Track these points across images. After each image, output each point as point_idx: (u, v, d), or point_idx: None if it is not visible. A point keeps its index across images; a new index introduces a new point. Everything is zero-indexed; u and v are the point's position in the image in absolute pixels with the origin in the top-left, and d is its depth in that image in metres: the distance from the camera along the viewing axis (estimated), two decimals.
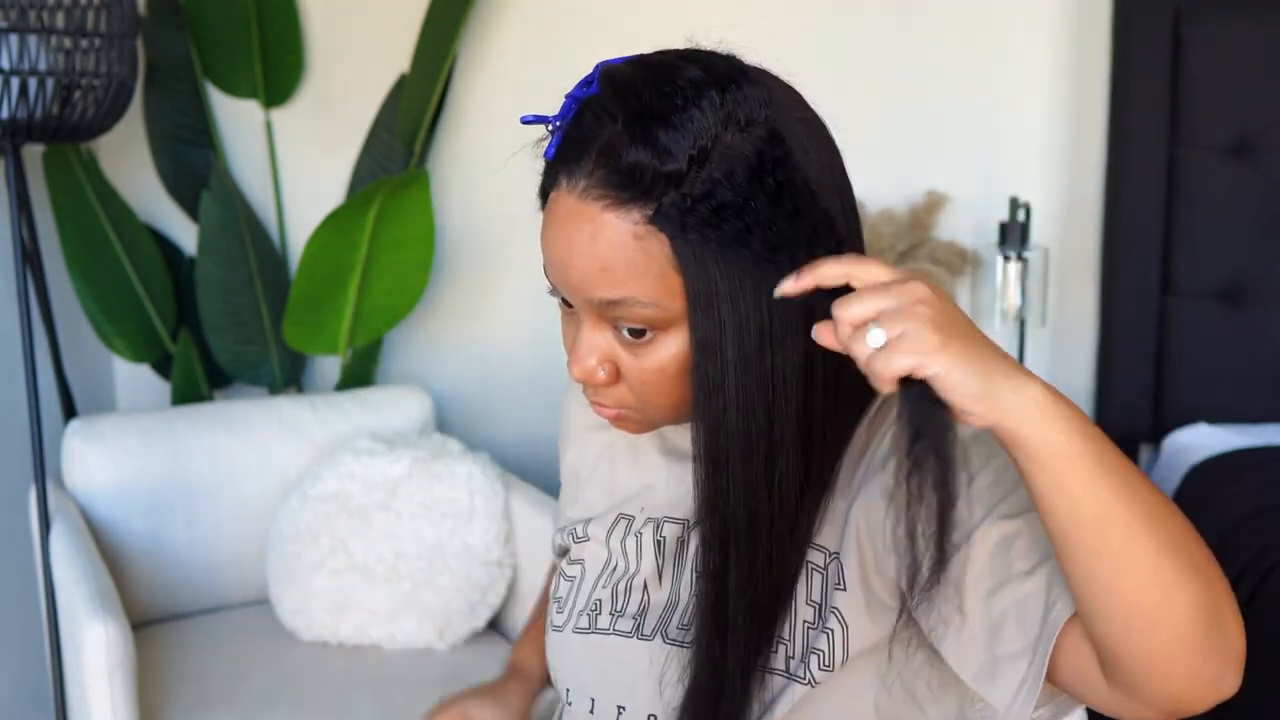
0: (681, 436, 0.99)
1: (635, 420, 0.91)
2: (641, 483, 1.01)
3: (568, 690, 1.00)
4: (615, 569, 1.00)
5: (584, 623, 0.99)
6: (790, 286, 0.75)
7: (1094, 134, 2.40)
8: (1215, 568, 0.75)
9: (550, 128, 0.86)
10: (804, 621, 0.89)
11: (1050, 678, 0.80)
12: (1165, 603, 0.72)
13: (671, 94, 0.81)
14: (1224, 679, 0.77)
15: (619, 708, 0.96)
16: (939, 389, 0.70)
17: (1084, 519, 0.71)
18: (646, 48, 0.90)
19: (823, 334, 0.74)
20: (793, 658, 0.89)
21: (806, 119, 0.86)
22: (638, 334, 0.85)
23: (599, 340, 0.87)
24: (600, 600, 0.99)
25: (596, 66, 0.86)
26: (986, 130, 2.44)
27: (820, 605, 0.89)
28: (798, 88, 0.90)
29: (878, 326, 0.70)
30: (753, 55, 0.88)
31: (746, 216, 0.79)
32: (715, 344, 0.82)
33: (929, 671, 0.90)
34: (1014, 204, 2.26)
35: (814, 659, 0.89)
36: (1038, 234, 2.38)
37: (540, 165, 0.88)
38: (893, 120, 2.44)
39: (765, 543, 0.86)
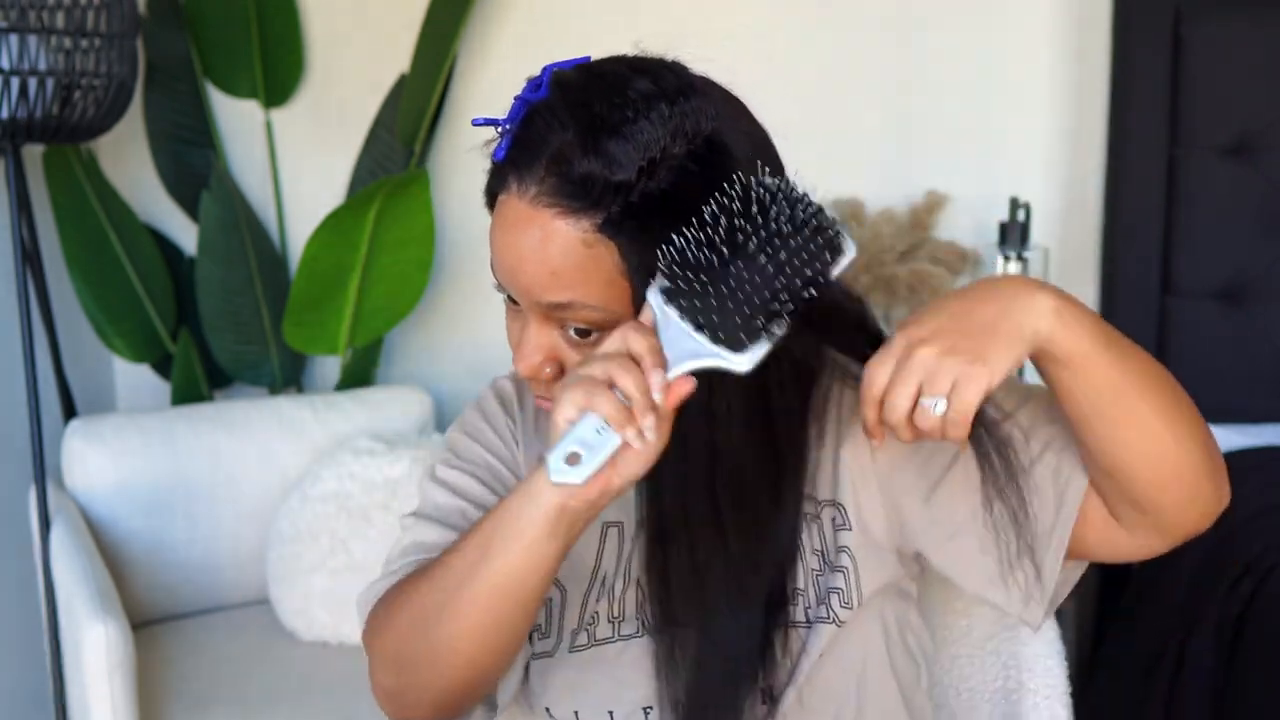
0: None
1: None
2: None
3: (575, 713, 0.98)
4: (605, 578, 0.99)
5: (582, 640, 0.98)
6: (879, 439, 0.83)
7: (1094, 134, 2.40)
8: (1194, 406, 0.86)
9: (500, 130, 0.88)
10: (813, 570, 0.94)
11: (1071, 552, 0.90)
12: (1182, 447, 0.83)
13: (623, 105, 0.83)
14: (1223, 492, 0.87)
15: (645, 709, 0.96)
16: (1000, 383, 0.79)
17: (1109, 398, 0.81)
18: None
19: (877, 437, 0.82)
20: (810, 606, 0.94)
21: (750, 131, 0.89)
22: (584, 334, 0.87)
23: (545, 339, 0.89)
24: (596, 613, 0.98)
25: (545, 70, 0.88)
26: (986, 130, 2.44)
27: (824, 551, 0.94)
28: (795, 87, 0.91)
29: (928, 399, 0.78)
30: (700, 64, 0.90)
31: (693, 225, 0.81)
32: None
33: (916, 627, 1.00)
34: (1014, 204, 2.26)
35: (834, 598, 0.93)
36: (1038, 234, 2.38)
37: (486, 165, 0.90)
38: (893, 120, 2.44)
39: (718, 536, 0.88)
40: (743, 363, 0.78)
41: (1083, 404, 0.81)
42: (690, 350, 0.79)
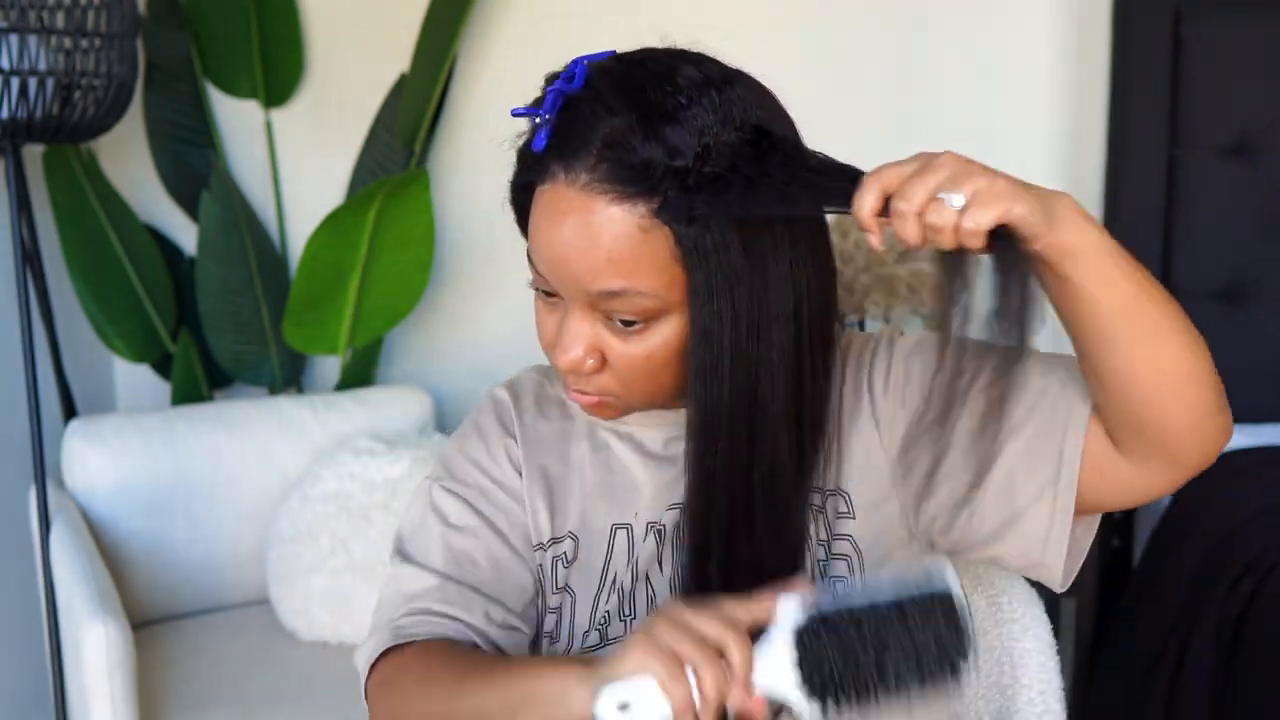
0: (651, 438, 1.00)
1: (613, 406, 0.93)
2: (624, 488, 1.00)
3: None
4: (615, 578, 0.98)
5: (593, 639, 0.97)
6: (876, 235, 0.77)
7: (1094, 134, 2.40)
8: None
9: (536, 120, 0.87)
10: (819, 560, 0.94)
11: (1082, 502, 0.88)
12: (1193, 360, 0.82)
13: (675, 92, 0.83)
14: (1229, 420, 0.86)
15: None
16: (1018, 226, 0.75)
17: (1125, 301, 0.79)
18: (673, 39, 0.91)
19: (875, 232, 0.77)
20: None
21: (786, 121, 0.90)
22: (629, 323, 0.87)
23: (586, 329, 0.88)
24: (608, 613, 0.98)
25: (574, 63, 0.87)
26: (986, 130, 2.44)
27: (828, 541, 0.94)
28: (795, 87, 0.91)
29: (947, 194, 0.75)
30: (725, 56, 0.90)
31: (746, 211, 0.82)
32: (715, 334, 0.85)
33: None
34: None
35: (838, 587, 0.92)
36: None
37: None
38: (893, 120, 2.44)
39: (749, 522, 0.89)
40: (822, 715, 0.79)
41: (1105, 309, 0.79)
42: (786, 695, 0.79)
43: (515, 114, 0.89)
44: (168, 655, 1.97)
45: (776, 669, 0.78)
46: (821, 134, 0.91)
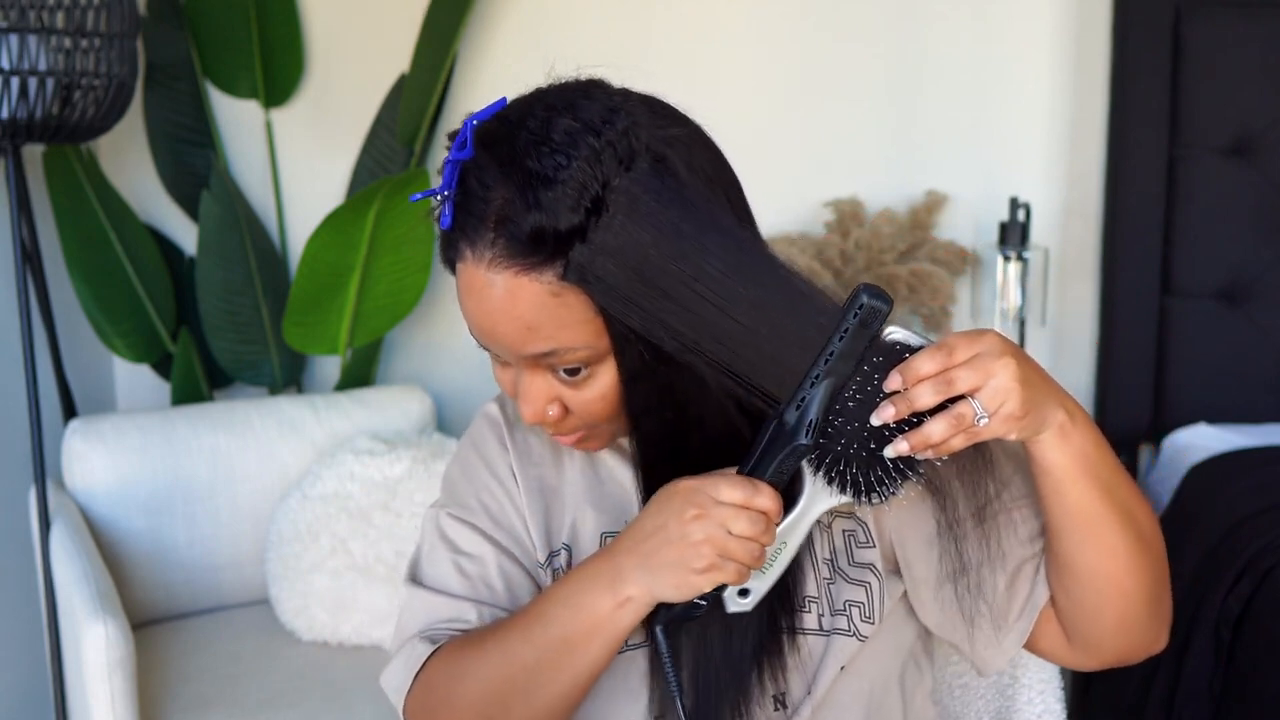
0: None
1: (596, 438, 0.95)
2: (613, 496, 1.01)
3: None
4: None
5: None
6: (890, 413, 0.82)
7: (1094, 134, 2.40)
8: (1161, 544, 0.93)
9: (439, 197, 0.88)
10: (824, 579, 0.95)
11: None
12: (1133, 581, 0.90)
13: (551, 152, 0.82)
14: (1160, 637, 0.95)
15: (657, 718, 0.96)
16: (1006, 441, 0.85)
17: (1078, 517, 0.88)
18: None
19: (887, 411, 0.82)
20: (824, 615, 0.94)
21: (680, 133, 0.87)
22: (573, 372, 0.88)
23: (541, 385, 0.90)
24: None
25: (465, 124, 0.87)
26: (986, 130, 2.44)
27: (834, 560, 0.96)
28: (797, 87, 0.91)
29: (979, 405, 0.81)
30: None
31: (652, 250, 0.81)
32: (643, 377, 0.87)
33: (925, 641, 1.04)
34: (1014, 204, 2.26)
35: (855, 611, 0.95)
36: (1038, 234, 2.38)
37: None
38: (893, 120, 2.44)
39: None
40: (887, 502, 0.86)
41: (1058, 515, 0.88)
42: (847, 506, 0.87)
43: (413, 200, 0.90)
44: (168, 655, 1.97)
45: (821, 501, 0.85)
46: (821, 134, 0.91)
